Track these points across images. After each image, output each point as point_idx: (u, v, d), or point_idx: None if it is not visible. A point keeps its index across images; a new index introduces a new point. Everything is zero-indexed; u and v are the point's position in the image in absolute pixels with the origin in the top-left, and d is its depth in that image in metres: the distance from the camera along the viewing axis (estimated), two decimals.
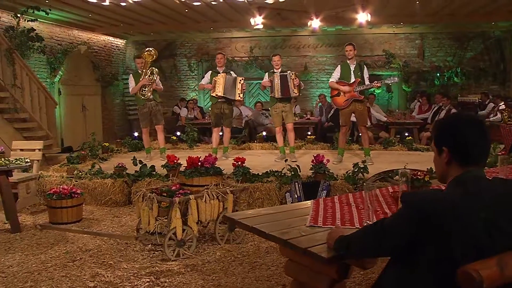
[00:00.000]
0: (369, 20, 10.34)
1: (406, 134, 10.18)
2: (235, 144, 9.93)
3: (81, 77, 12.50)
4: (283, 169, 6.48)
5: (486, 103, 12.25)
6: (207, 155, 5.06)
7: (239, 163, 6.41)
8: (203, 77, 8.75)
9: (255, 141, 10.24)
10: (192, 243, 4.56)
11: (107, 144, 9.41)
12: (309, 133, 10.75)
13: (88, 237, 5.22)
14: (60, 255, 4.61)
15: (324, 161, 6.30)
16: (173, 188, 4.82)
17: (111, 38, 14.28)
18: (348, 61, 7.65)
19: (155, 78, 8.21)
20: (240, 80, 8.07)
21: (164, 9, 10.68)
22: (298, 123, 11.13)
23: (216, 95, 8.07)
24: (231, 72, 8.52)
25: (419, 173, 3.43)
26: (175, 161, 6.53)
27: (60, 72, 11.58)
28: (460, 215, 1.71)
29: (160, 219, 4.57)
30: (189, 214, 4.52)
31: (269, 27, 13.60)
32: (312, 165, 6.34)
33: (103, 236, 5.15)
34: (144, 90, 8.15)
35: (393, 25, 13.34)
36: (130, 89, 8.31)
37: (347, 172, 6.36)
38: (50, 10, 9.88)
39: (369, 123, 10.86)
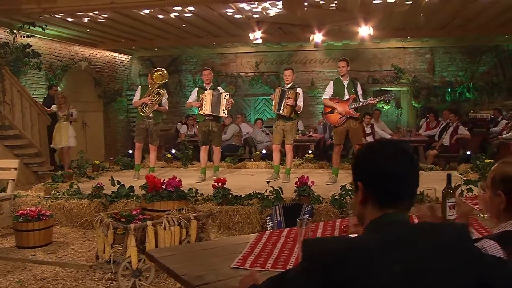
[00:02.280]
0: (372, 34, 9.95)
1: None
2: (231, 162, 9.59)
3: (82, 93, 12.36)
4: (266, 190, 6.11)
5: (499, 119, 11.71)
6: (170, 177, 4.73)
7: (219, 184, 6.07)
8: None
9: (252, 160, 9.89)
10: (150, 273, 4.22)
11: (97, 162, 9.18)
12: (309, 151, 10.34)
13: (55, 262, 4.92)
14: (10, 285, 4.32)
15: (309, 183, 5.92)
16: (134, 212, 4.51)
17: (115, 54, 14.18)
18: (340, 77, 7.31)
19: (160, 100, 7.97)
20: (225, 96, 7.73)
21: (162, 24, 10.50)
22: (298, 140, 10.72)
23: (203, 113, 7.78)
24: (219, 88, 8.23)
25: None
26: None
27: (59, 88, 11.45)
28: (374, 270, 1.32)
29: (116, 246, 4.25)
30: (146, 241, 4.19)
31: (275, 42, 13.37)
32: (296, 187, 5.96)
33: (52, 265, 4.82)
34: (145, 108, 7.95)
35: (401, 39, 12.93)
36: (133, 101, 8.17)
37: (333, 194, 5.95)
38: (46, 26, 9.79)
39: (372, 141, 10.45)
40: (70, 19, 9.58)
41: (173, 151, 10.27)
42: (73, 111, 9.73)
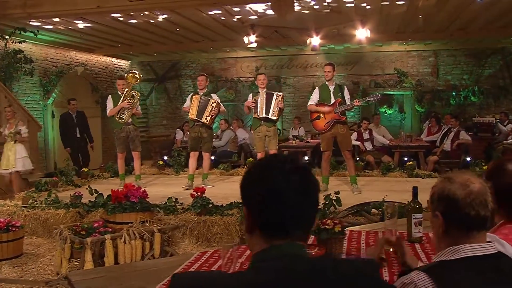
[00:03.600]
0: (369, 36, 9.65)
1: (405, 158, 9.36)
2: (224, 169, 9.36)
3: (78, 99, 12.11)
4: None
5: (505, 124, 11.32)
6: (135, 188, 4.49)
7: (198, 193, 5.83)
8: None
9: (245, 166, 9.64)
10: None
11: (86, 169, 8.99)
12: (306, 157, 10.05)
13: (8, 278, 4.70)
14: None
15: None
16: (96, 225, 4.28)
17: (113, 60, 14.06)
18: (326, 83, 7.05)
19: (136, 102, 7.80)
20: (212, 103, 7.50)
21: (156, 28, 10.32)
22: (294, 146, 10.51)
23: (190, 117, 7.59)
24: (212, 94, 8.01)
25: (328, 221, 2.68)
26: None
27: (53, 94, 11.33)
28: None
29: (73, 261, 4.03)
30: (105, 256, 3.95)
31: (274, 46, 13.14)
32: None
33: (4, 282, 4.58)
34: (123, 114, 7.75)
35: (404, 42, 12.61)
36: (108, 111, 7.91)
37: None
38: (38, 31, 9.66)
39: (371, 147, 10.15)
40: (61, 26, 9.49)
41: (166, 157, 10.05)
42: (22, 128, 7.97)
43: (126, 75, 7.86)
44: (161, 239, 4.18)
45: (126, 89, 7.67)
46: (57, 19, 8.94)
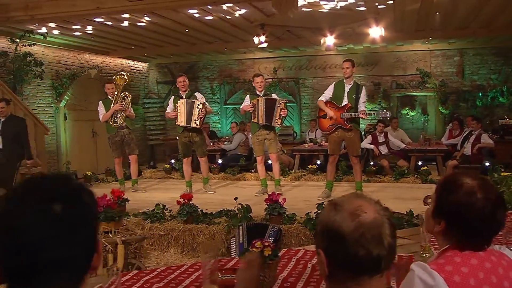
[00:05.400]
0: (383, 35, 9.19)
1: (420, 163, 8.84)
2: (231, 174, 9.08)
3: (92, 102, 12.09)
4: (234, 207, 5.54)
5: None
6: (100, 197, 4.24)
7: (185, 200, 5.55)
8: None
9: (251, 171, 9.32)
10: None
11: (89, 172, 8.88)
12: (318, 161, 9.64)
13: None
14: None
15: (280, 201, 5.30)
16: None
17: (130, 62, 13.99)
18: (344, 80, 6.60)
19: (128, 104, 7.63)
20: (198, 105, 7.13)
21: (166, 30, 10.14)
22: (306, 150, 10.16)
23: (179, 124, 7.23)
24: (196, 94, 7.63)
25: (257, 243, 2.32)
26: (119, 196, 5.76)
27: (66, 97, 11.30)
28: None
29: None
30: None
31: (291, 47, 12.80)
32: (266, 205, 5.36)
33: None
34: (117, 117, 7.59)
35: (426, 41, 12.04)
36: (101, 117, 7.75)
37: (307, 213, 5.30)
38: (47, 33, 9.63)
39: (386, 150, 9.68)
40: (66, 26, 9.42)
41: (173, 161, 9.84)
42: None
43: (114, 77, 7.71)
44: (125, 251, 3.91)
45: (117, 92, 7.51)
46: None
